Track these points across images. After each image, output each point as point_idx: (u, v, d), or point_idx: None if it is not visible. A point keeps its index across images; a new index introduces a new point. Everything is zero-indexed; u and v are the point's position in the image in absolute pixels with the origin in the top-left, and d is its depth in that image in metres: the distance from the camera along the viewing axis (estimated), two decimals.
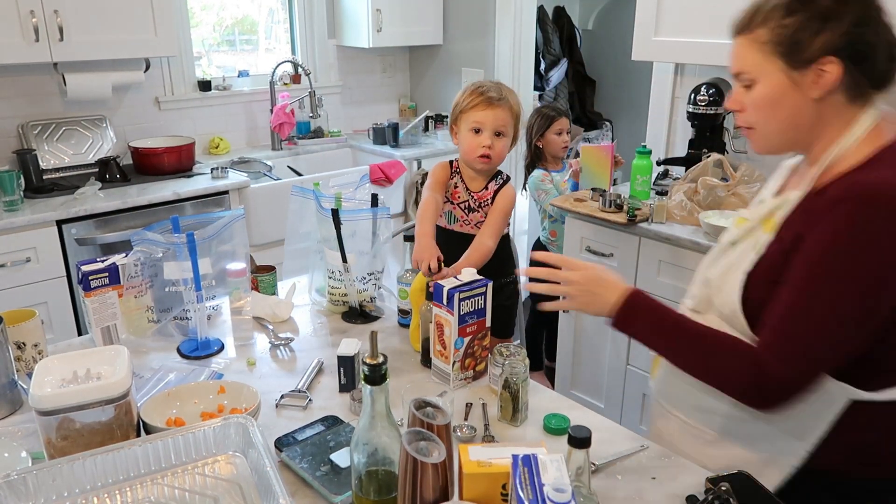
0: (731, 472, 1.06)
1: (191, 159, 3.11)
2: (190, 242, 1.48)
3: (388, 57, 4.07)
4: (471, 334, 1.36)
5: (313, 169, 3.58)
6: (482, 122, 1.80)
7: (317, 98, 3.52)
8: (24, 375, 1.37)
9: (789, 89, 1.05)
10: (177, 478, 1.07)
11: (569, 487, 0.83)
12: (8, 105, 2.90)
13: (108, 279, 1.50)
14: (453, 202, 1.92)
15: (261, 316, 1.69)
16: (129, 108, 3.22)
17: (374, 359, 0.91)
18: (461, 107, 1.84)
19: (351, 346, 1.39)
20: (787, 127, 1.09)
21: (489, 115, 1.79)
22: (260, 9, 3.75)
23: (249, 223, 2.93)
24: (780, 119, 1.08)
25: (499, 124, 1.80)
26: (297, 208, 1.78)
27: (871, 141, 1.06)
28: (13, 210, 2.51)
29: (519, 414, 1.27)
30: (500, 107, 1.79)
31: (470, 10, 3.74)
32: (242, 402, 1.27)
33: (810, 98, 1.05)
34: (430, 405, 0.98)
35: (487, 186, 1.90)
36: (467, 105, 1.82)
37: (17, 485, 0.98)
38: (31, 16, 2.56)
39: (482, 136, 1.81)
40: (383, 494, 0.96)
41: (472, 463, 0.95)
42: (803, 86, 1.04)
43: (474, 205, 1.90)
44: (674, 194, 2.40)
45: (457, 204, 1.92)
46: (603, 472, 1.15)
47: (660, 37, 2.55)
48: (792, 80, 1.04)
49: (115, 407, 1.10)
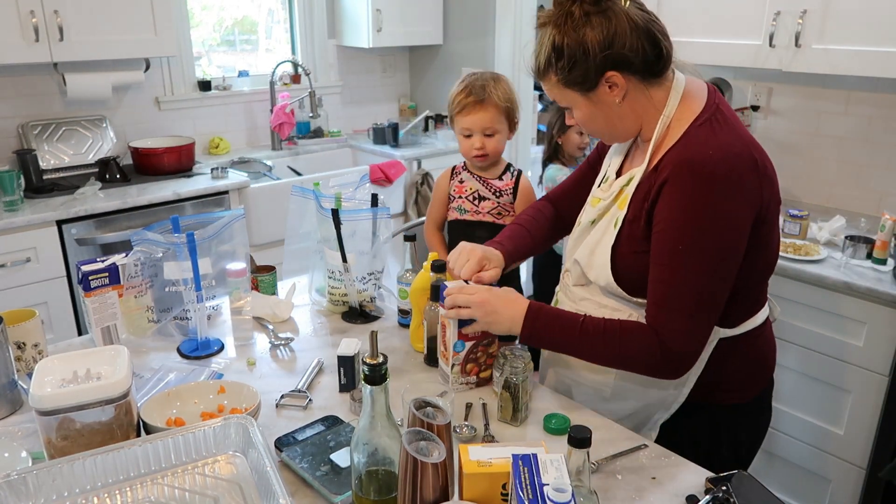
0: (731, 472, 1.07)
1: (191, 159, 3.11)
2: (190, 242, 1.48)
3: (388, 57, 4.07)
4: (473, 339, 1.35)
5: (313, 169, 3.58)
6: (470, 127, 1.83)
7: (317, 98, 3.52)
8: (24, 375, 1.37)
9: (596, 105, 1.23)
10: (177, 478, 1.07)
11: (569, 487, 0.83)
12: (8, 105, 2.90)
13: (108, 279, 1.50)
14: (460, 196, 1.95)
15: (261, 316, 1.69)
16: (129, 108, 3.22)
17: (374, 359, 0.91)
18: (451, 110, 1.87)
19: (351, 346, 1.39)
20: (613, 128, 1.28)
21: (475, 119, 1.81)
22: (260, 9, 3.74)
23: (249, 223, 2.93)
24: (604, 125, 1.27)
25: (485, 126, 1.81)
26: (297, 208, 1.78)
27: (684, 112, 1.21)
28: (13, 210, 2.51)
29: (519, 414, 1.27)
30: (485, 108, 1.79)
31: (470, 10, 3.74)
32: (242, 402, 1.27)
33: (614, 104, 1.22)
34: (430, 405, 0.98)
35: (502, 177, 1.92)
36: (455, 109, 1.85)
37: (17, 485, 0.98)
38: (31, 16, 2.56)
39: (473, 139, 1.84)
40: (383, 494, 0.96)
41: (472, 463, 0.95)
42: (604, 98, 1.22)
43: (485, 193, 1.92)
44: None
45: (464, 197, 1.94)
46: (603, 472, 1.15)
47: None
48: (593, 101, 1.23)
49: (115, 407, 1.10)
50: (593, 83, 1.20)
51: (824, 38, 2.14)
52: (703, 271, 1.15)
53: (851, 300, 1.96)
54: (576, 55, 1.18)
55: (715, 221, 1.13)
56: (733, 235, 1.15)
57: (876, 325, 1.93)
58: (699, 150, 1.15)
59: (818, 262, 2.07)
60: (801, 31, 2.16)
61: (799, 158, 2.62)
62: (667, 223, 1.17)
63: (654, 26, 1.20)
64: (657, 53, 1.20)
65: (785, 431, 2.20)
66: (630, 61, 1.18)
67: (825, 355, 2.05)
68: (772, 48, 2.25)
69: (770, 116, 2.68)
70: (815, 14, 2.14)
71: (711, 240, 1.14)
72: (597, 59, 1.18)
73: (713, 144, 1.14)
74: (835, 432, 2.08)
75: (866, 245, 2.06)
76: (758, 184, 1.15)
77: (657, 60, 1.20)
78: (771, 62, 2.26)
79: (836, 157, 2.53)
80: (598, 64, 1.18)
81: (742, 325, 1.27)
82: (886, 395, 1.94)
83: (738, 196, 1.13)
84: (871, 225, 2.22)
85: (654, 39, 1.19)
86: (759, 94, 2.68)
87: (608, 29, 1.17)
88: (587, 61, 1.18)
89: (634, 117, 1.24)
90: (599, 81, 1.20)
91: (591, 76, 1.19)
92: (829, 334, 2.03)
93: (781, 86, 2.63)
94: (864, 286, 1.92)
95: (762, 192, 1.16)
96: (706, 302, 1.17)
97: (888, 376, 1.93)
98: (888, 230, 2.01)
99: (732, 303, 1.21)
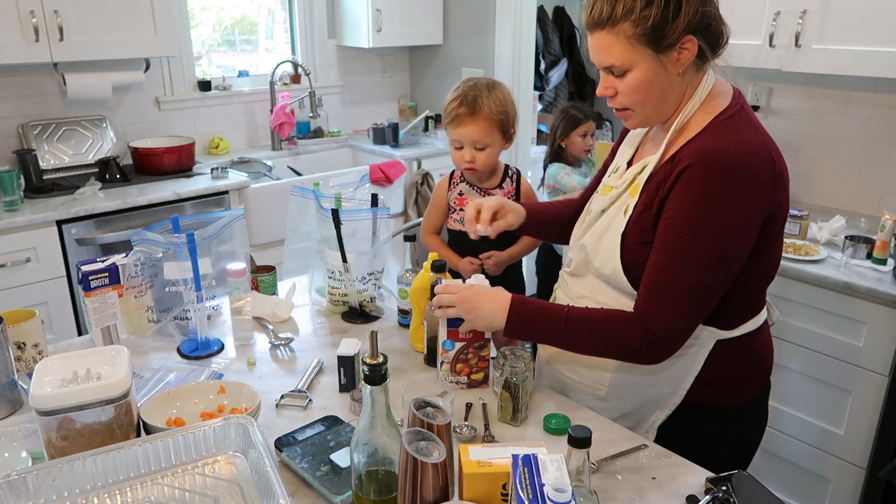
0: (731, 472, 1.07)
1: (191, 159, 3.11)
2: (190, 242, 1.48)
3: (388, 57, 4.07)
4: (464, 340, 1.35)
5: (313, 169, 3.58)
6: (460, 140, 1.80)
7: (317, 98, 3.52)
8: (24, 375, 1.37)
9: (659, 71, 1.16)
10: (177, 478, 1.07)
11: (569, 487, 0.83)
12: (8, 105, 2.90)
13: (108, 279, 1.49)
14: (461, 208, 1.92)
15: (261, 316, 1.69)
16: (129, 108, 3.22)
17: (374, 359, 0.91)
18: (444, 118, 1.84)
19: (351, 346, 1.39)
20: (659, 103, 1.20)
21: (464, 132, 1.77)
22: (260, 9, 3.74)
23: (249, 223, 2.93)
24: (654, 98, 1.19)
25: (475, 139, 1.77)
26: (297, 208, 1.78)
27: (709, 106, 1.19)
28: (13, 210, 2.51)
29: (519, 414, 1.27)
30: (475, 121, 1.74)
31: (470, 10, 3.74)
32: (242, 402, 1.27)
33: (675, 75, 1.17)
34: (430, 405, 0.98)
35: (502, 185, 1.91)
36: (446, 119, 1.82)
37: (17, 485, 0.98)
38: (31, 16, 2.56)
39: (464, 152, 1.81)
40: (383, 494, 0.96)
41: (472, 463, 0.95)
42: (669, 65, 1.15)
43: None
44: None
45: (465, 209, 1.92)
46: (603, 472, 1.15)
47: None
48: (661, 63, 1.15)
49: (115, 407, 1.10)
50: (672, 43, 1.12)
51: (824, 38, 2.14)
52: (703, 263, 1.13)
53: (851, 300, 1.96)
54: (670, 6, 1.10)
55: (724, 215, 1.11)
56: (740, 233, 1.13)
57: (876, 325, 1.93)
58: (720, 143, 1.13)
59: (818, 262, 2.07)
60: (801, 31, 2.16)
61: (799, 158, 2.62)
62: (676, 211, 1.14)
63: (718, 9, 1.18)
64: (722, 40, 1.18)
65: (785, 431, 2.20)
66: (710, 31, 1.14)
67: (825, 355, 2.05)
68: (772, 48, 2.25)
69: (770, 116, 2.68)
70: (815, 14, 2.14)
71: (718, 233, 1.12)
72: (688, 17, 1.11)
73: (734, 139, 1.13)
74: (835, 432, 2.08)
75: (866, 245, 2.06)
76: (772, 185, 1.13)
77: (720, 39, 1.18)
78: (771, 62, 2.26)
79: (836, 157, 2.53)
80: (686, 22, 1.11)
81: (739, 327, 1.25)
82: (886, 395, 1.94)
83: (751, 194, 1.11)
84: (871, 225, 2.22)
85: (721, 18, 1.17)
86: (759, 94, 2.68)
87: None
88: (678, 17, 1.11)
89: (678, 98, 1.20)
90: (678, 42, 1.12)
91: (676, 34, 1.12)
92: (829, 334, 2.03)
93: (781, 86, 2.63)
94: (864, 286, 1.92)
95: (775, 194, 1.15)
96: (700, 294, 1.15)
97: (888, 376, 1.93)
98: (888, 230, 2.01)
99: (730, 304, 1.20)
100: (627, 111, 1.22)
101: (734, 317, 1.25)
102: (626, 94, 1.19)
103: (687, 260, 1.13)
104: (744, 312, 1.26)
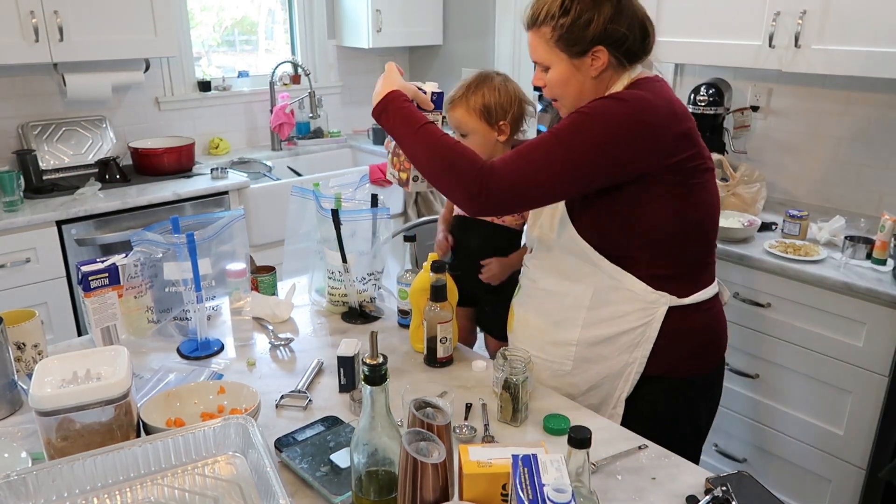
0: (731, 473, 1.07)
1: (191, 159, 3.11)
2: (190, 243, 1.48)
3: (388, 57, 4.06)
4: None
5: (313, 169, 3.58)
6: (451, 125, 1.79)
7: (317, 98, 3.52)
8: (24, 376, 1.37)
9: (574, 72, 1.33)
10: (177, 478, 1.07)
11: (569, 487, 0.83)
12: (8, 105, 2.90)
13: (108, 279, 1.50)
14: None
15: (261, 316, 1.69)
16: (129, 108, 3.22)
17: (374, 359, 0.91)
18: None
19: (351, 347, 1.39)
20: (578, 97, 1.36)
21: (451, 118, 1.77)
22: (260, 9, 3.75)
23: (249, 223, 2.93)
24: (571, 94, 1.36)
25: (456, 125, 1.77)
26: (297, 208, 1.78)
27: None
28: (13, 210, 2.51)
29: (519, 414, 1.27)
30: (457, 108, 1.75)
31: (470, 10, 3.74)
32: (242, 402, 1.27)
33: (590, 77, 1.33)
34: (430, 405, 0.98)
35: None
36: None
37: (17, 485, 0.98)
38: (31, 16, 2.56)
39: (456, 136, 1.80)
40: (383, 495, 0.96)
41: (472, 463, 0.95)
42: (583, 69, 1.33)
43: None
44: None
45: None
46: (603, 472, 1.15)
47: (660, 37, 2.53)
48: (574, 66, 1.33)
49: (115, 407, 1.10)
50: (583, 50, 1.30)
51: (824, 39, 2.14)
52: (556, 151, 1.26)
53: (851, 300, 1.96)
54: (581, 19, 1.28)
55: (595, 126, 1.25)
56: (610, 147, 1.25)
57: (876, 326, 1.93)
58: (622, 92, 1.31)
59: (818, 262, 2.07)
60: (800, 31, 2.16)
61: (799, 158, 2.62)
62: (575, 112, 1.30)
63: (648, 22, 1.34)
64: (643, 46, 1.33)
65: (785, 431, 2.20)
66: (622, 43, 1.30)
67: (825, 355, 2.05)
68: (772, 48, 2.24)
69: (770, 116, 2.68)
70: (814, 14, 2.14)
71: (581, 136, 1.26)
72: (596, 30, 1.28)
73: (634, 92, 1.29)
74: (835, 432, 2.08)
75: (866, 245, 2.06)
76: (667, 128, 1.26)
77: (639, 52, 1.33)
78: (771, 62, 2.26)
79: (836, 157, 2.53)
80: (596, 35, 1.28)
81: (691, 296, 1.36)
82: (886, 395, 1.94)
83: (633, 124, 1.25)
84: (871, 225, 2.22)
85: (645, 31, 1.33)
86: (759, 95, 2.68)
87: (616, 7, 1.28)
88: (588, 29, 1.28)
89: (597, 93, 1.34)
90: (589, 51, 1.30)
91: (586, 44, 1.29)
92: (829, 334, 2.03)
93: (781, 86, 2.63)
94: (863, 286, 1.92)
95: (672, 140, 1.26)
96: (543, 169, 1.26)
97: (888, 376, 1.93)
98: (888, 230, 2.01)
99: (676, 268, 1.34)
100: (556, 101, 1.40)
101: (687, 286, 1.36)
102: (550, 86, 1.37)
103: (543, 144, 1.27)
104: (690, 281, 1.37)
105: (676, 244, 1.34)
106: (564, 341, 1.41)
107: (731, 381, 2.30)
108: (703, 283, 1.39)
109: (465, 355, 1.53)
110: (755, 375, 2.23)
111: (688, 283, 1.36)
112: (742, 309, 2.20)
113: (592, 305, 1.37)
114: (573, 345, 1.40)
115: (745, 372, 2.25)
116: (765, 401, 2.23)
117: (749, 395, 2.27)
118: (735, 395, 2.30)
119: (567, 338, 1.40)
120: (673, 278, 1.35)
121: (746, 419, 2.29)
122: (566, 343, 1.41)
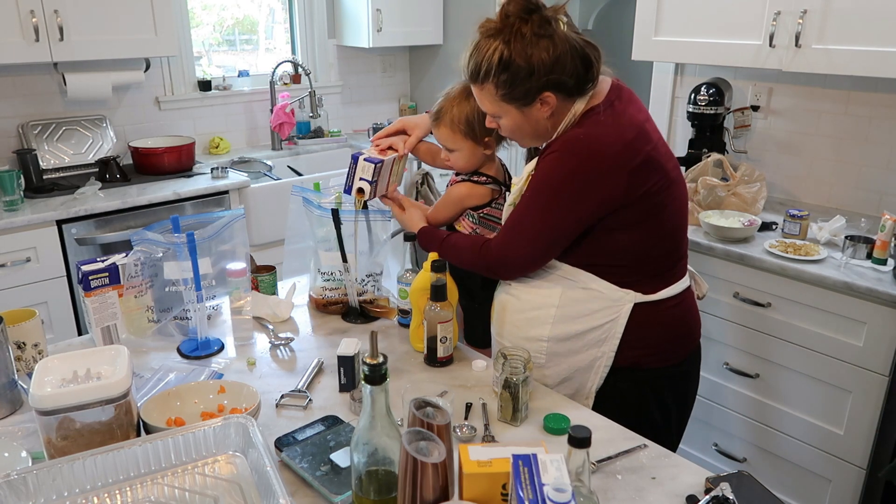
0: (731, 472, 1.06)
1: (191, 159, 3.11)
2: (190, 242, 1.48)
3: (388, 57, 4.07)
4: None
5: (313, 169, 3.58)
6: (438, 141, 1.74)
7: (317, 98, 3.52)
8: (24, 375, 1.37)
9: (526, 118, 1.37)
10: (177, 478, 1.07)
11: (569, 487, 0.83)
12: (8, 105, 2.90)
13: (108, 279, 1.50)
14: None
15: (261, 316, 1.69)
16: (129, 107, 3.22)
17: (374, 359, 0.91)
18: None
19: (351, 346, 1.39)
20: (533, 137, 1.43)
21: (437, 135, 1.72)
22: (260, 9, 3.75)
23: (249, 223, 2.93)
24: (528, 134, 1.42)
25: (442, 143, 1.71)
26: (297, 208, 1.77)
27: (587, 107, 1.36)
28: (13, 210, 2.51)
29: (519, 414, 1.27)
30: (440, 125, 1.69)
31: (470, 10, 3.74)
32: (242, 401, 1.27)
33: (542, 118, 1.37)
34: (430, 405, 0.98)
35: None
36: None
37: (17, 485, 0.99)
38: (31, 16, 2.56)
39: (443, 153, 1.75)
40: (383, 494, 0.96)
41: (472, 463, 0.95)
42: (534, 112, 1.35)
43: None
44: None
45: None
46: (603, 471, 1.15)
47: (660, 37, 2.55)
48: (524, 114, 1.36)
49: (115, 407, 1.10)
50: (531, 100, 1.33)
51: (824, 38, 2.14)
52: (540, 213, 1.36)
53: (851, 300, 1.96)
54: (521, 73, 1.29)
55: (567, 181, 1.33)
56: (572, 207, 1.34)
57: (876, 325, 1.93)
58: (575, 134, 1.33)
59: (818, 262, 2.07)
60: (801, 31, 2.16)
61: (799, 158, 2.62)
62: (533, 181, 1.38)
63: (589, 49, 1.32)
64: (588, 76, 1.33)
65: (785, 431, 2.20)
66: (566, 84, 1.31)
67: (825, 355, 2.05)
68: (772, 48, 2.24)
69: (770, 116, 2.68)
70: (815, 14, 2.14)
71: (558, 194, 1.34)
72: (539, 81, 1.29)
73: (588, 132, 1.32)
74: (835, 432, 2.08)
75: (866, 245, 2.06)
76: (622, 165, 1.29)
77: (587, 81, 1.34)
78: (771, 62, 2.26)
79: (836, 157, 2.53)
80: (539, 85, 1.30)
81: (658, 293, 1.41)
82: (886, 395, 1.94)
83: (593, 171, 1.31)
84: (871, 225, 2.22)
85: (587, 62, 1.32)
86: (759, 94, 2.68)
87: (553, 53, 1.28)
88: (530, 81, 1.29)
89: (555, 127, 1.38)
90: (536, 99, 1.32)
91: (531, 94, 1.31)
92: (829, 334, 2.03)
93: (781, 86, 2.63)
94: (864, 286, 1.92)
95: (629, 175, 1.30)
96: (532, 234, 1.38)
97: (888, 376, 1.93)
98: (888, 230, 2.01)
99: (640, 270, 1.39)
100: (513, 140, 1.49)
101: (652, 283, 1.40)
102: (505, 132, 1.43)
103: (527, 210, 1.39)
104: (657, 279, 1.41)
105: (646, 255, 1.39)
106: (537, 337, 1.46)
107: (731, 380, 2.30)
108: (672, 279, 1.44)
109: (465, 355, 1.53)
110: (755, 375, 2.23)
111: (655, 281, 1.41)
112: (742, 309, 2.20)
113: (562, 304, 1.42)
114: (545, 340, 1.45)
115: (745, 372, 2.25)
116: (765, 400, 2.23)
117: (749, 395, 2.27)
118: (735, 394, 2.30)
119: (539, 334, 1.45)
120: (640, 280, 1.40)
121: (746, 419, 2.29)
122: (538, 339, 1.45)
